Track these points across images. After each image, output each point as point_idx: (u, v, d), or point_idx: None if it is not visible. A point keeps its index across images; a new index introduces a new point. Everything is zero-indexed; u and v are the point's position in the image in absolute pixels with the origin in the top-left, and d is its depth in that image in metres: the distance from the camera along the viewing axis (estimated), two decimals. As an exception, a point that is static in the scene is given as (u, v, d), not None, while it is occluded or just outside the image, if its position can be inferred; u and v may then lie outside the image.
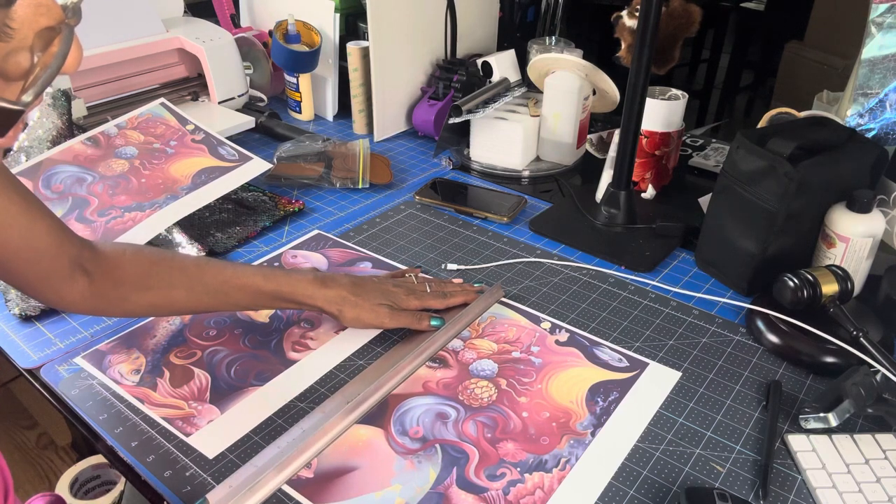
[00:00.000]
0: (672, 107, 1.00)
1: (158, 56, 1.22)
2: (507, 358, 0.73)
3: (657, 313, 0.81)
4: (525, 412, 0.66)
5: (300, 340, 0.76)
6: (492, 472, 0.60)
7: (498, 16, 1.39)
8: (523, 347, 0.75)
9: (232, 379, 0.71)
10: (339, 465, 0.61)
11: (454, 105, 1.08)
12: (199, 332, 0.77)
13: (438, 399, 0.68)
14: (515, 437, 0.64)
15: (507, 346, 0.75)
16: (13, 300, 0.80)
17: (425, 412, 0.67)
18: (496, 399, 0.68)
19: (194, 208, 0.92)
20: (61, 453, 1.73)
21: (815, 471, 0.60)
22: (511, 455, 0.62)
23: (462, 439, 0.64)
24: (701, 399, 0.69)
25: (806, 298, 0.72)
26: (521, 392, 0.69)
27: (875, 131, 0.87)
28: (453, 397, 0.68)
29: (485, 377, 0.71)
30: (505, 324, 0.78)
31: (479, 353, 0.74)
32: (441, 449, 0.63)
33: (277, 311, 0.80)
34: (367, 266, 0.89)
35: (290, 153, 1.10)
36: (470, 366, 0.72)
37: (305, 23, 1.27)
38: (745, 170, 0.79)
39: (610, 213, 0.96)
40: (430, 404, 0.68)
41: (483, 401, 0.68)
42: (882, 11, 0.83)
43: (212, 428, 0.65)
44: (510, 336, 0.77)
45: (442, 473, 0.60)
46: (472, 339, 0.76)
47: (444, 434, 0.64)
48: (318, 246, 0.93)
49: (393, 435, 0.64)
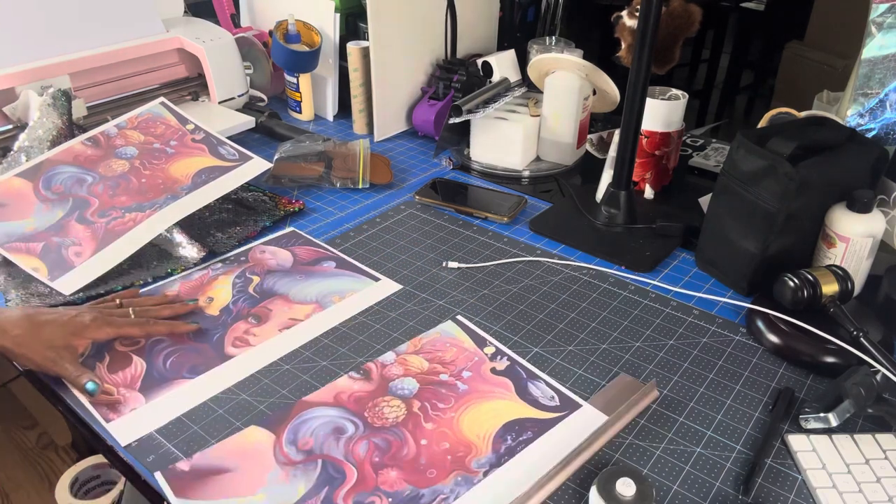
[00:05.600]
0: (672, 107, 1.00)
1: (158, 56, 1.22)
2: (433, 380, 0.70)
3: (657, 313, 0.81)
4: (425, 440, 0.63)
5: (242, 336, 0.76)
6: (360, 500, 0.58)
7: (498, 16, 1.39)
8: (455, 371, 0.72)
9: (166, 370, 0.72)
10: (218, 465, 0.61)
11: (454, 105, 1.08)
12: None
13: (343, 412, 0.66)
14: (402, 466, 0.61)
15: (438, 366, 0.72)
16: (13, 300, 0.80)
17: (323, 424, 0.65)
18: (401, 421, 0.65)
19: (195, 208, 0.92)
20: (61, 453, 1.73)
21: (815, 471, 0.60)
22: (389, 484, 0.59)
23: (347, 458, 0.61)
24: (701, 399, 0.69)
25: (806, 298, 0.72)
26: (431, 418, 0.66)
27: (875, 131, 0.87)
28: (359, 413, 0.66)
29: (400, 396, 0.68)
30: (447, 343, 0.76)
31: (406, 370, 0.71)
32: (321, 465, 0.61)
33: (229, 305, 0.81)
34: (331, 265, 0.89)
35: (290, 153, 1.10)
36: (391, 382, 0.70)
37: (305, 23, 1.28)
38: (746, 170, 0.79)
39: (610, 213, 0.96)
40: (332, 417, 0.66)
41: (387, 421, 0.65)
42: (882, 11, 0.83)
43: (132, 416, 0.66)
44: (446, 357, 0.74)
45: (310, 492, 0.58)
46: (406, 355, 0.74)
47: (332, 450, 0.62)
48: (288, 243, 0.94)
49: (281, 443, 0.63)
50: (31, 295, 0.81)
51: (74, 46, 1.11)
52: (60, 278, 0.82)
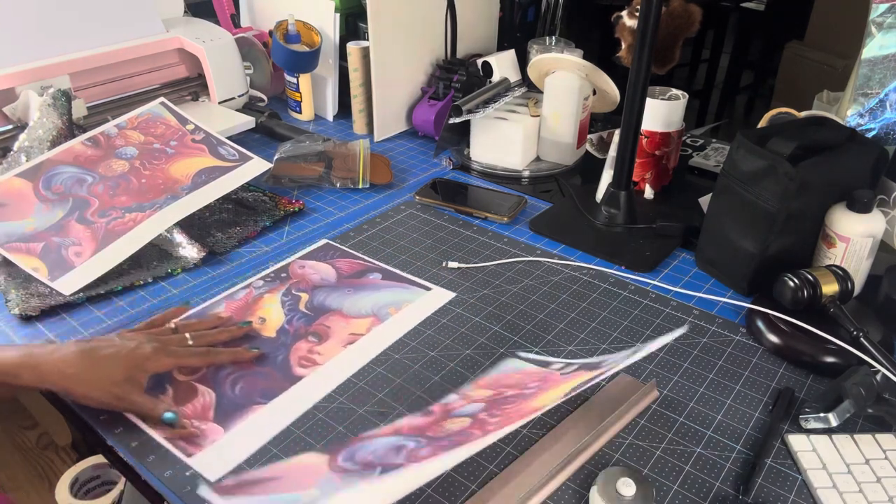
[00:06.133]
0: (672, 107, 1.00)
1: (158, 56, 1.22)
2: (497, 397, 0.64)
3: (657, 313, 0.81)
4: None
5: (307, 356, 0.74)
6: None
7: (498, 16, 1.39)
8: (520, 388, 0.64)
9: (237, 396, 0.68)
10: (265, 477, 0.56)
11: (454, 105, 1.08)
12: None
13: (402, 437, 0.59)
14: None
15: (503, 390, 0.66)
16: (13, 300, 0.80)
17: (384, 445, 0.58)
18: (468, 433, 0.57)
19: (195, 208, 0.92)
20: (61, 453, 1.73)
21: (815, 471, 0.60)
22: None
23: (409, 459, 0.55)
24: (701, 399, 0.69)
25: (806, 298, 0.72)
26: (502, 412, 0.60)
27: (875, 131, 0.87)
28: (420, 434, 0.59)
29: (464, 415, 0.62)
30: (511, 375, 0.69)
31: (472, 401, 0.64)
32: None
33: (284, 325, 0.78)
34: (377, 277, 0.87)
35: (290, 153, 1.10)
36: (454, 411, 0.63)
37: (305, 23, 1.28)
38: (746, 170, 0.79)
39: (610, 213, 0.96)
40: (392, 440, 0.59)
41: (452, 431, 0.58)
42: (882, 11, 0.84)
43: (214, 448, 0.63)
44: (510, 381, 0.67)
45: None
46: (469, 392, 0.67)
47: (395, 460, 0.55)
48: (326, 256, 0.91)
49: (338, 461, 0.56)
50: (31, 295, 0.81)
51: (74, 46, 1.11)
52: (60, 278, 0.82)
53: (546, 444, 0.63)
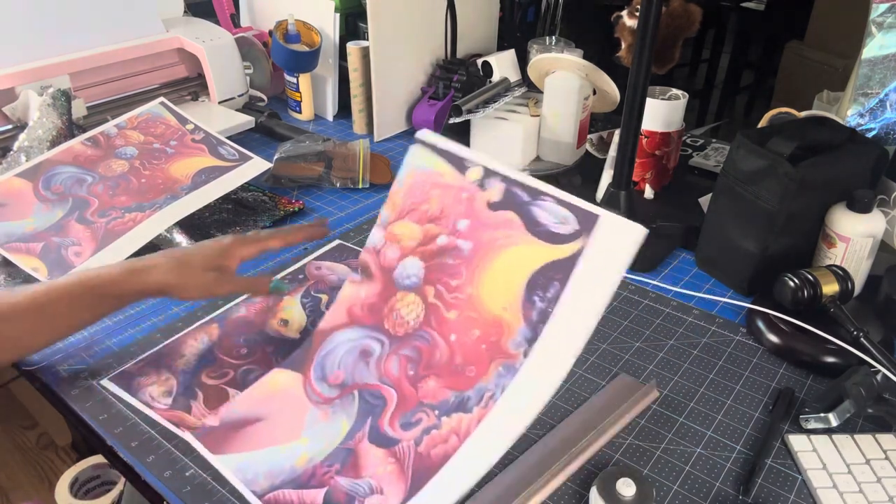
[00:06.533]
0: (672, 107, 1.00)
1: (158, 56, 1.22)
2: (433, 250, 0.64)
3: (657, 313, 0.81)
4: (453, 334, 0.59)
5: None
6: (407, 420, 0.56)
7: (498, 16, 1.39)
8: (450, 225, 0.63)
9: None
10: (247, 415, 0.58)
11: (454, 105, 1.08)
12: (230, 351, 0.73)
13: (363, 331, 0.64)
14: (439, 372, 0.58)
15: (431, 227, 0.64)
16: (13, 300, 0.80)
17: (348, 351, 0.63)
18: (423, 320, 0.62)
19: (195, 208, 0.92)
20: (61, 453, 1.73)
21: (815, 471, 0.60)
22: (431, 395, 0.57)
23: (382, 381, 0.60)
24: (701, 399, 0.69)
25: (806, 298, 0.72)
26: (451, 304, 0.61)
27: (875, 131, 0.87)
28: (379, 325, 0.63)
29: (411, 287, 0.64)
30: (427, 182, 0.66)
31: (402, 249, 0.65)
32: (359, 396, 0.59)
33: (307, 326, 0.75)
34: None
35: (290, 153, 1.09)
36: (394, 273, 0.65)
37: (305, 23, 1.27)
38: (746, 170, 0.79)
39: (610, 213, 0.96)
40: (355, 339, 0.64)
41: (409, 325, 0.62)
42: (882, 11, 0.83)
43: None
44: (433, 208, 0.65)
45: (355, 426, 0.57)
46: (392, 225, 0.67)
47: (365, 377, 0.60)
48: (341, 256, 0.90)
49: (311, 381, 0.61)
50: (30, 295, 0.81)
51: (74, 46, 1.11)
52: (60, 278, 0.82)
53: (546, 443, 0.63)
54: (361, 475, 0.54)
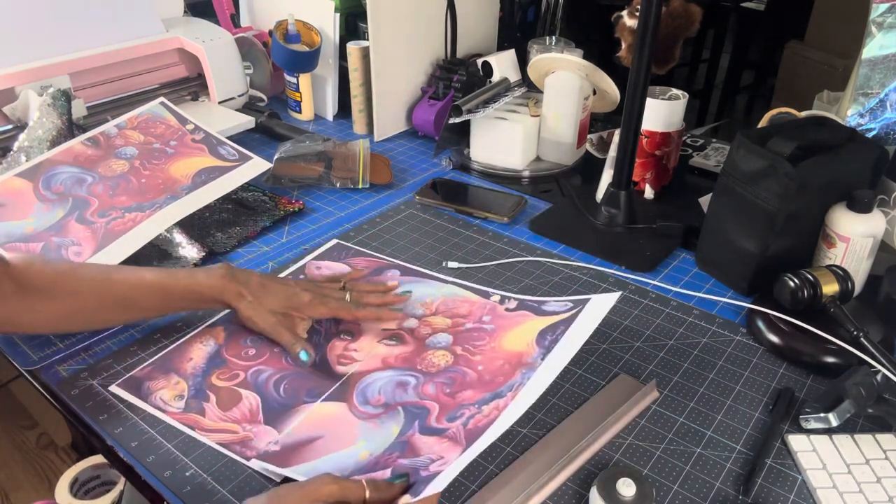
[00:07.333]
0: (672, 107, 1.00)
1: (158, 56, 1.22)
2: (461, 330, 0.76)
3: (657, 313, 0.81)
4: (481, 366, 0.70)
5: (345, 353, 0.74)
6: (452, 415, 0.63)
7: (498, 16, 1.39)
8: (476, 319, 0.77)
9: (283, 398, 0.68)
10: (304, 438, 0.63)
11: (454, 105, 1.08)
12: (238, 352, 0.74)
13: (398, 371, 0.70)
14: (473, 386, 0.67)
15: (460, 319, 0.77)
16: (13, 300, 0.80)
17: (386, 383, 0.69)
18: (453, 363, 0.71)
19: (195, 208, 0.92)
20: (61, 453, 1.73)
21: (815, 471, 0.60)
22: (469, 398, 0.65)
23: (422, 398, 0.66)
24: (701, 399, 0.69)
25: (806, 298, 0.72)
26: (476, 352, 0.72)
27: (875, 131, 0.87)
28: (412, 367, 0.71)
29: (441, 348, 0.73)
30: (458, 301, 0.81)
31: (434, 328, 0.76)
32: (403, 409, 0.65)
33: (315, 326, 0.77)
34: (396, 273, 0.87)
35: (290, 153, 1.09)
36: (426, 340, 0.74)
37: (305, 23, 1.27)
38: (746, 170, 0.79)
39: (610, 213, 0.96)
40: (391, 376, 0.70)
41: (440, 366, 0.70)
42: (882, 11, 0.83)
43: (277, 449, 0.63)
44: (462, 311, 0.79)
45: (404, 428, 0.63)
46: (427, 317, 0.78)
47: (405, 398, 0.66)
48: (340, 256, 0.91)
49: (356, 405, 0.66)
50: (30, 295, 0.81)
51: (74, 46, 1.11)
52: (60, 278, 0.82)
53: (546, 443, 0.63)
54: (420, 456, 0.60)
